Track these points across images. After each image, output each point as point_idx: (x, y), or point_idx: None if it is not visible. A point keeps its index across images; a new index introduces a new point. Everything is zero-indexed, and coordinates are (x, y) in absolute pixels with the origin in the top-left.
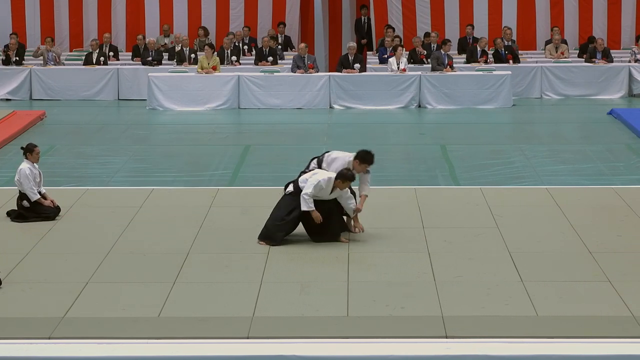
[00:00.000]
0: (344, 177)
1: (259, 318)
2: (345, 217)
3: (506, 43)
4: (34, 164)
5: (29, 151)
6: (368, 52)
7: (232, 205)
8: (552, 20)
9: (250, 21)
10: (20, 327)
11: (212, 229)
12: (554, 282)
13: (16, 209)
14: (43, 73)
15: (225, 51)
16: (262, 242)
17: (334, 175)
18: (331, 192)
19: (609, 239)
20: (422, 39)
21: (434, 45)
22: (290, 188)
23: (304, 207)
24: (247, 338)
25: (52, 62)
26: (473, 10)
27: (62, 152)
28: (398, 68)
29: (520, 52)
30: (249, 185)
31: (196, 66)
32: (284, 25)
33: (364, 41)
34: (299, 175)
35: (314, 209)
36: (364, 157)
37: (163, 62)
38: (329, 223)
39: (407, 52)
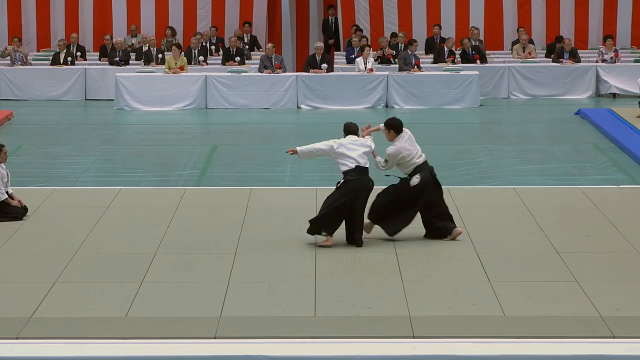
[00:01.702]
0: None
1: (227, 318)
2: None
3: (473, 43)
4: (1, 163)
5: None
6: (335, 52)
7: (199, 205)
8: (519, 20)
9: (217, 21)
10: None
11: (179, 229)
12: (522, 282)
13: None
14: (10, 73)
15: (193, 51)
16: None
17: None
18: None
19: (576, 239)
20: (389, 39)
21: (401, 46)
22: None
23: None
24: (215, 338)
25: (19, 62)
26: (440, 11)
27: (29, 152)
28: (365, 68)
29: (487, 52)
30: (216, 185)
31: (163, 66)
32: (250, 24)
33: (331, 41)
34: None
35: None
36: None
37: (130, 62)
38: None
39: (375, 52)
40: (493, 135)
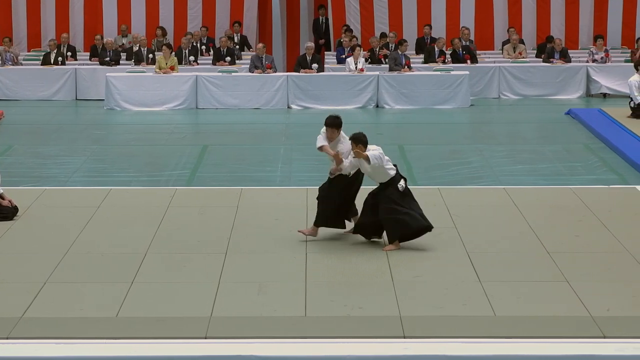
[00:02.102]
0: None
1: (217, 318)
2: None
3: (464, 43)
4: None
5: None
6: (326, 52)
7: (189, 205)
8: (510, 20)
9: (208, 21)
10: None
11: (170, 229)
12: (512, 282)
13: None
14: (1, 73)
15: (183, 51)
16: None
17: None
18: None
19: (566, 239)
20: (379, 39)
21: (391, 46)
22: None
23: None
24: (205, 338)
25: (10, 62)
26: (431, 11)
27: (20, 152)
28: (356, 68)
29: (478, 52)
30: (207, 185)
31: (154, 66)
32: (240, 24)
33: (321, 41)
34: None
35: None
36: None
37: (121, 62)
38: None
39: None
40: (483, 135)
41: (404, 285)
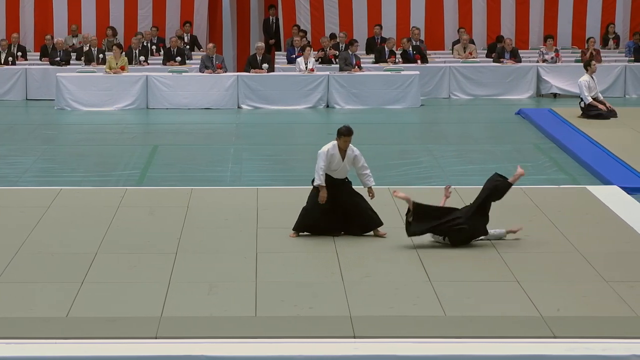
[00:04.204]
0: (339, 132)
1: (167, 318)
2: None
3: (414, 43)
4: None
5: None
6: (276, 52)
7: (140, 205)
8: (460, 20)
9: (158, 21)
10: None
11: (120, 229)
12: (462, 282)
13: None
14: None
15: (134, 51)
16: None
17: (331, 143)
18: (343, 159)
19: (517, 239)
20: (330, 40)
21: (342, 46)
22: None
23: (316, 182)
24: (156, 338)
25: None
26: (381, 11)
27: None
28: (306, 68)
29: (428, 52)
30: (157, 185)
31: (104, 66)
32: (190, 24)
33: (272, 41)
34: None
35: (324, 185)
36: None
37: (71, 62)
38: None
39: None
40: (434, 135)
41: (354, 285)
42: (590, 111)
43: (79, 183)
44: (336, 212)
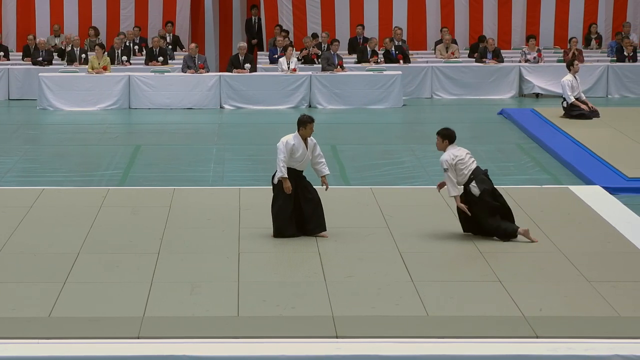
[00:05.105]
0: (300, 121)
1: (150, 318)
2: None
3: (397, 43)
4: None
5: None
6: (259, 52)
7: (122, 205)
8: (442, 20)
9: (140, 21)
10: None
11: (102, 229)
12: (445, 282)
13: None
14: None
15: (116, 51)
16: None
17: (291, 135)
18: (307, 148)
19: (499, 239)
20: (312, 39)
21: (324, 46)
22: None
23: (278, 175)
24: (138, 338)
25: None
26: (363, 11)
27: None
28: (288, 68)
29: (410, 52)
30: (139, 185)
31: (87, 66)
32: (172, 24)
33: (254, 41)
34: None
35: (287, 177)
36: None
37: (54, 62)
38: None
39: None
40: (416, 135)
41: (336, 285)
42: (573, 111)
43: (62, 183)
44: (296, 210)
